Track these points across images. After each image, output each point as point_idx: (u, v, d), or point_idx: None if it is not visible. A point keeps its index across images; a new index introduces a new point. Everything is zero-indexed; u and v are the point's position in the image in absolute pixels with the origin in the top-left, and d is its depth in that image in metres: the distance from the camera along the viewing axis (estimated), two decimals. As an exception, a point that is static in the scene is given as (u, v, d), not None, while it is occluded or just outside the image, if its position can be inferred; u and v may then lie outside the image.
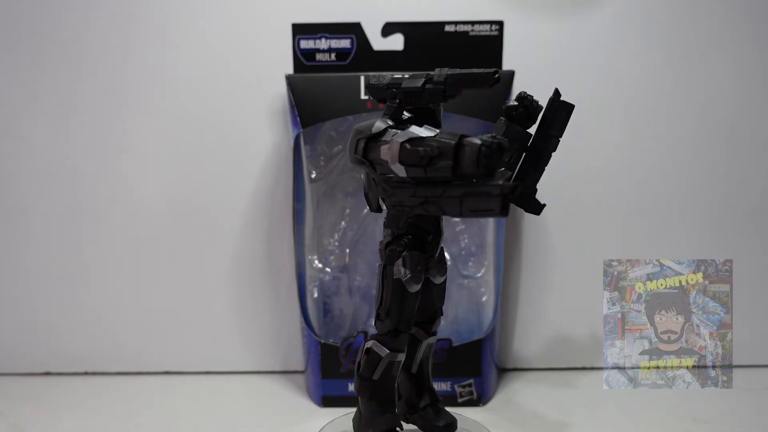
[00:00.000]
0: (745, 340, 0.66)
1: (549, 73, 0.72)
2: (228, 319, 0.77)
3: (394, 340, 0.47)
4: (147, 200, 0.75)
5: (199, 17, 0.72)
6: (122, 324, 0.77)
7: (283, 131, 0.73)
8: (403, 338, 0.48)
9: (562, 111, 0.48)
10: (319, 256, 0.73)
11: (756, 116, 0.73)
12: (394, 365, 0.47)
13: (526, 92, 0.49)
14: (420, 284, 0.46)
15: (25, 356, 0.77)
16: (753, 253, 0.75)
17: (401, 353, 0.48)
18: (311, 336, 0.68)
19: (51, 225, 0.75)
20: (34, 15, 0.72)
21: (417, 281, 0.46)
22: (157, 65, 0.73)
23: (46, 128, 0.74)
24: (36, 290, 0.76)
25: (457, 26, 0.67)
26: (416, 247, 0.46)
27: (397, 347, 0.47)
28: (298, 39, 0.67)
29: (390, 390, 0.48)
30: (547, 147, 0.48)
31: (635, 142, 0.74)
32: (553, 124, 0.48)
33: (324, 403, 0.68)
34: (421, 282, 0.46)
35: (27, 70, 0.73)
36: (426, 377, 0.52)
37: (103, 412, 0.67)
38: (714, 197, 0.75)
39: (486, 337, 0.67)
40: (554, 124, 0.48)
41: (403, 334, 0.47)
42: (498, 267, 0.71)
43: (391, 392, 0.48)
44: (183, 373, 0.77)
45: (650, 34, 0.72)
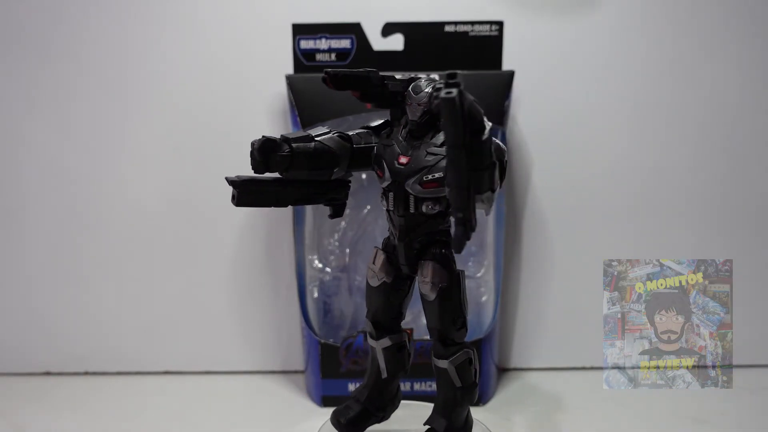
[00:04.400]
0: (745, 340, 0.66)
1: (549, 74, 0.72)
2: (228, 319, 0.77)
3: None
4: (147, 200, 0.75)
5: (199, 17, 0.72)
6: (122, 324, 0.77)
7: (283, 131, 0.73)
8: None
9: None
10: (319, 256, 0.73)
11: (756, 116, 0.73)
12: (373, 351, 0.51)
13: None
14: (376, 283, 0.49)
15: (25, 356, 0.77)
16: (753, 253, 0.75)
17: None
18: (311, 336, 0.68)
19: (51, 225, 0.75)
20: (34, 16, 0.72)
21: (372, 278, 0.49)
22: (157, 65, 0.73)
23: (45, 129, 0.74)
24: (36, 290, 0.76)
25: (457, 26, 0.67)
26: (388, 248, 0.49)
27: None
28: (298, 39, 0.67)
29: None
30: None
31: (635, 142, 0.74)
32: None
33: (324, 403, 0.68)
34: (376, 281, 0.49)
35: (26, 70, 0.73)
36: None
37: (103, 412, 0.67)
38: (714, 197, 0.75)
39: (486, 337, 0.67)
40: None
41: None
42: (498, 267, 0.71)
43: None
44: (183, 373, 0.77)
45: (650, 34, 0.72)
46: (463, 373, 0.47)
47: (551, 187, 0.74)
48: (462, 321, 0.47)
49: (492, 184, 0.40)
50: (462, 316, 0.47)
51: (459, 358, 0.47)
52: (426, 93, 0.45)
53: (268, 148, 0.43)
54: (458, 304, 0.47)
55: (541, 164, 0.74)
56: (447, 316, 0.47)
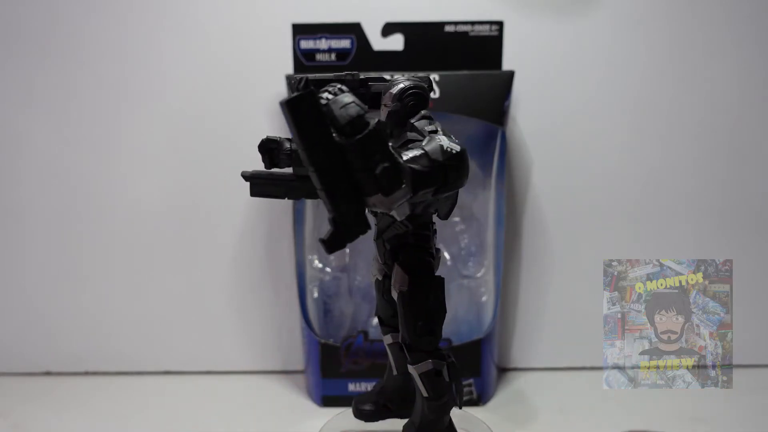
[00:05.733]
0: (745, 340, 0.66)
1: (549, 74, 0.72)
2: (228, 319, 0.77)
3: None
4: (147, 200, 0.75)
5: (199, 17, 0.72)
6: (122, 324, 0.77)
7: (283, 131, 0.73)
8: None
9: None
10: (319, 256, 0.73)
11: (756, 117, 0.73)
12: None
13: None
14: (373, 280, 0.50)
15: (25, 356, 0.77)
16: (753, 253, 0.75)
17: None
18: (311, 336, 0.68)
19: (51, 225, 0.75)
20: (33, 16, 0.72)
21: (372, 274, 0.50)
22: (156, 65, 0.73)
23: (44, 129, 0.74)
24: (36, 290, 0.76)
25: (457, 26, 0.67)
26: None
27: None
28: (298, 39, 0.67)
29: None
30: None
31: (635, 142, 0.74)
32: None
33: (324, 403, 0.68)
34: (373, 277, 0.50)
35: (25, 70, 0.73)
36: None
37: (103, 412, 0.67)
38: (714, 197, 0.75)
39: (486, 337, 0.67)
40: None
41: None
42: (498, 267, 0.71)
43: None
44: (183, 373, 0.77)
45: (650, 34, 0.72)
46: (428, 383, 0.46)
47: (551, 187, 0.74)
48: (426, 329, 0.45)
49: (385, 188, 0.37)
50: (426, 323, 0.45)
51: (422, 366, 0.46)
52: (389, 94, 0.45)
53: (268, 148, 0.46)
54: (422, 310, 0.45)
55: (541, 164, 0.74)
56: (408, 321, 0.45)
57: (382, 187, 0.37)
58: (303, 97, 0.35)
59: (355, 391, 0.67)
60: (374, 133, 0.37)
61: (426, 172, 0.40)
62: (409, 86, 0.45)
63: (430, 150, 0.40)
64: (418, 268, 0.45)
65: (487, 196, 0.72)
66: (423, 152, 0.40)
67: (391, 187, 0.38)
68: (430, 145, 0.41)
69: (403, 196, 0.39)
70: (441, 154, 0.40)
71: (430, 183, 0.40)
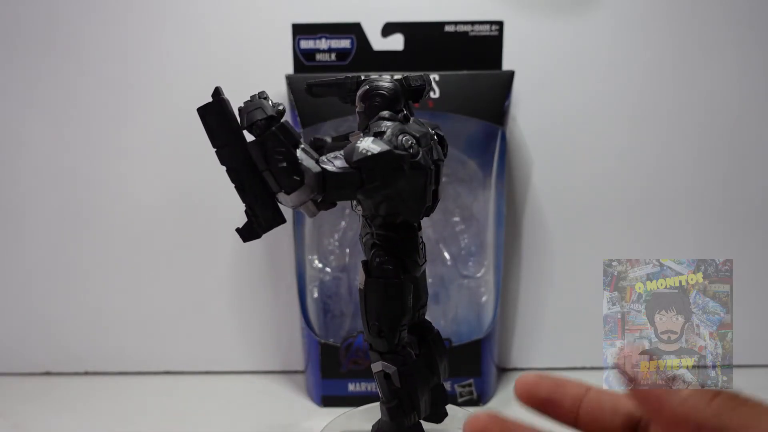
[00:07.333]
0: (745, 340, 0.66)
1: (549, 74, 0.72)
2: (228, 319, 0.77)
3: None
4: (147, 200, 0.75)
5: (199, 17, 0.72)
6: (122, 324, 0.77)
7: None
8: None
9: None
10: (319, 256, 0.73)
11: (756, 116, 0.73)
12: None
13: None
14: None
15: (25, 356, 0.77)
16: (753, 253, 0.75)
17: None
18: (311, 336, 0.68)
19: (51, 225, 0.75)
20: (33, 16, 0.72)
21: None
22: (156, 65, 0.73)
23: (45, 128, 0.74)
24: (36, 290, 0.76)
25: (457, 26, 0.67)
26: None
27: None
28: (298, 39, 0.67)
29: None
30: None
31: (635, 142, 0.74)
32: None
33: (324, 403, 0.68)
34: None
35: (25, 70, 0.73)
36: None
37: (103, 412, 0.67)
38: (714, 197, 0.75)
39: (486, 337, 0.67)
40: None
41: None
42: (498, 267, 0.71)
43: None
44: (183, 373, 0.77)
45: (650, 34, 0.72)
46: (379, 384, 0.46)
47: (551, 187, 0.74)
48: (377, 330, 0.45)
49: (285, 186, 0.40)
50: (376, 324, 0.45)
51: (375, 366, 0.46)
52: (357, 95, 0.45)
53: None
54: (373, 311, 0.45)
55: (541, 164, 0.74)
56: (364, 320, 0.46)
57: (283, 185, 0.40)
58: (210, 105, 0.42)
59: (354, 391, 0.67)
60: (272, 136, 0.40)
61: (336, 173, 0.41)
62: (372, 87, 0.45)
63: (346, 152, 0.41)
64: (375, 269, 0.46)
65: (487, 196, 0.72)
66: (340, 154, 0.41)
67: (291, 186, 0.40)
68: (349, 146, 0.42)
69: (308, 195, 0.41)
70: (354, 155, 0.41)
71: (343, 184, 0.41)
